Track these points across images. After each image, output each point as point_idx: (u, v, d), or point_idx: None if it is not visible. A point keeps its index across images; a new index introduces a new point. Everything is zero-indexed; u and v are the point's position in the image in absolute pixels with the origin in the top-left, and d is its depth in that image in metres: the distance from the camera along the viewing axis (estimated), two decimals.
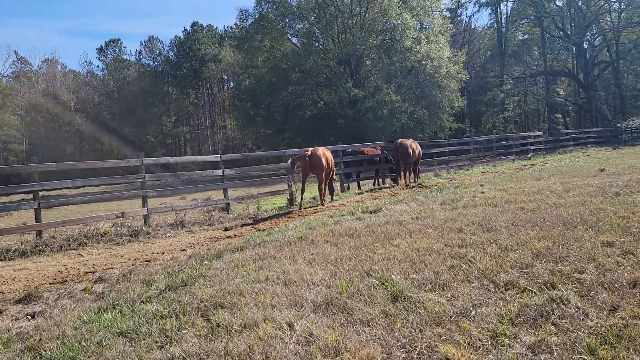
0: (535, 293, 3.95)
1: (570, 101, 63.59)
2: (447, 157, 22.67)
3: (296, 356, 3.24)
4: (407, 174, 17.98)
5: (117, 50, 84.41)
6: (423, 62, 38.04)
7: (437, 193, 12.82)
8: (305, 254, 6.60)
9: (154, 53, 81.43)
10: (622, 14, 57.11)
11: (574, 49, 56.97)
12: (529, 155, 27.72)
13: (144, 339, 4.02)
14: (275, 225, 11.05)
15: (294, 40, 43.22)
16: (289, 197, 14.69)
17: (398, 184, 17.61)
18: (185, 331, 4.04)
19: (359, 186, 18.46)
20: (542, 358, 2.80)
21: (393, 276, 4.83)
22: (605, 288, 3.85)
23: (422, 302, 4.02)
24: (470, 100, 61.20)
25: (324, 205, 13.54)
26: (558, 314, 3.39)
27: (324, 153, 13.42)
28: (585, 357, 2.74)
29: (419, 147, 18.49)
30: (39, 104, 69.11)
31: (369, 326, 3.66)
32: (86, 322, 4.80)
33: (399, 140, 17.84)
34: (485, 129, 62.05)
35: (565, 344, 2.93)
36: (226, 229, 11.42)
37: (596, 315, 3.33)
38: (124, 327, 4.38)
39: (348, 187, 18.14)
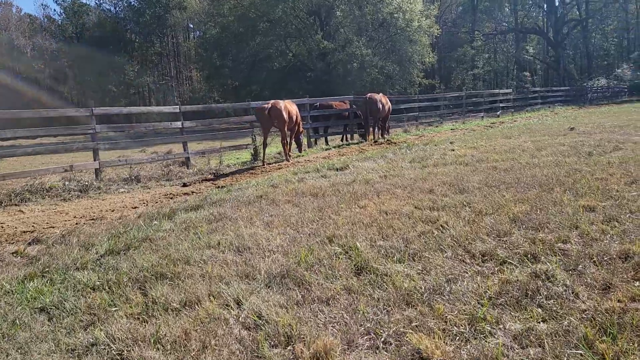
0: (516, 266, 3.52)
1: (539, 59, 63.71)
2: (417, 113, 22.21)
3: (239, 345, 2.72)
4: (376, 129, 17.46)
5: None
6: (395, 15, 36.98)
7: (406, 150, 12.37)
8: (264, 215, 6.06)
9: None
10: None
11: (545, 5, 56.54)
12: (498, 113, 27.52)
13: (67, 317, 3.45)
14: (236, 181, 10.44)
15: None
16: (252, 152, 14.03)
17: (366, 140, 17.11)
18: (115, 308, 3.47)
19: (326, 142, 17.89)
20: (531, 353, 2.36)
21: (358, 243, 4.33)
22: (594, 262, 3.44)
23: (390, 276, 3.54)
24: (441, 56, 60.51)
25: (289, 161, 12.96)
26: (544, 293, 2.96)
27: (286, 106, 12.71)
28: (583, 353, 2.31)
29: (388, 103, 17.93)
30: None
31: (329, 305, 3.17)
32: (8, 293, 4.18)
33: (369, 94, 17.20)
34: (455, 86, 61.73)
35: (557, 333, 2.49)
36: (184, 185, 10.75)
37: (588, 296, 2.91)
38: (47, 301, 3.78)
39: (315, 143, 17.54)
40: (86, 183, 10.75)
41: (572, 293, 2.94)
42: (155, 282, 3.94)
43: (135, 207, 8.46)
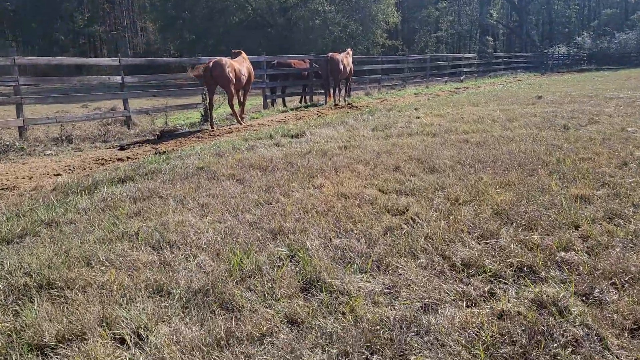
0: (511, 286, 2.71)
1: (502, 24, 63.29)
2: (380, 75, 21.22)
3: None
4: (337, 91, 16.44)
5: None
6: None
7: (368, 116, 11.46)
8: (201, 195, 5.07)
9: None
10: None
11: None
12: (462, 78, 26.89)
13: None
14: (179, 146, 9.33)
15: None
16: (202, 112, 12.84)
17: (326, 102, 16.09)
18: None
19: (284, 103, 16.76)
20: None
21: (308, 242, 3.44)
22: (613, 284, 2.67)
23: (349, 296, 2.68)
24: (404, 18, 59.16)
25: (241, 124, 11.87)
26: (560, 339, 2.14)
27: (231, 64, 11.51)
28: None
29: (351, 63, 16.88)
30: None
31: (262, 346, 2.28)
32: None
33: (330, 53, 16.08)
34: (418, 49, 60.82)
35: None
36: (121, 148, 9.57)
37: (619, 345, 2.12)
38: None
39: (272, 104, 16.40)
40: (7, 143, 9.42)
41: (598, 339, 2.14)
42: (36, 295, 2.95)
43: (58, 175, 7.31)
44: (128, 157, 8.49)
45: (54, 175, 7.31)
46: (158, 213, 4.50)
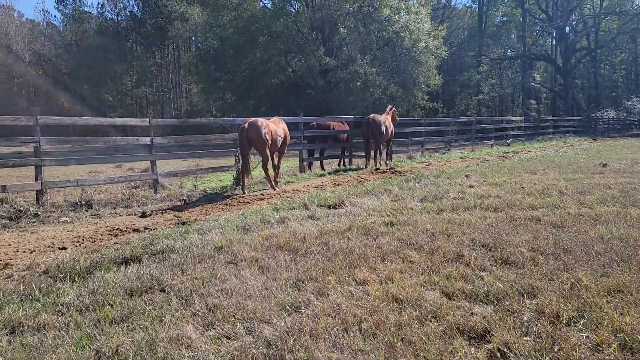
0: None
1: (546, 87, 62.12)
2: (423, 138, 20.23)
3: None
4: (378, 155, 15.47)
5: (78, 0, 78.77)
6: (401, 34, 35.23)
7: (414, 183, 10.34)
8: (212, 289, 4.00)
9: (117, 7, 76.30)
10: (604, 2, 55.47)
11: (555, 33, 55.07)
12: (509, 142, 25.61)
13: None
14: (205, 214, 8.40)
15: (264, 1, 39.79)
16: (235, 176, 12.01)
17: (367, 166, 15.10)
18: None
19: (321, 166, 15.87)
20: None
21: None
22: None
23: None
24: (445, 80, 58.93)
25: (274, 190, 10.94)
26: None
27: (268, 125, 10.73)
28: None
29: (392, 125, 15.97)
30: None
31: None
32: None
33: (371, 115, 15.25)
34: (459, 111, 60.01)
35: None
36: (142, 215, 8.70)
37: None
38: None
39: (309, 167, 15.53)
40: (20, 208, 8.69)
41: None
42: None
43: (63, 248, 6.42)
44: (145, 228, 7.57)
45: (59, 248, 6.42)
46: (151, 319, 3.43)
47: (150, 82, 74.06)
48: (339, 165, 16.67)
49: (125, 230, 7.41)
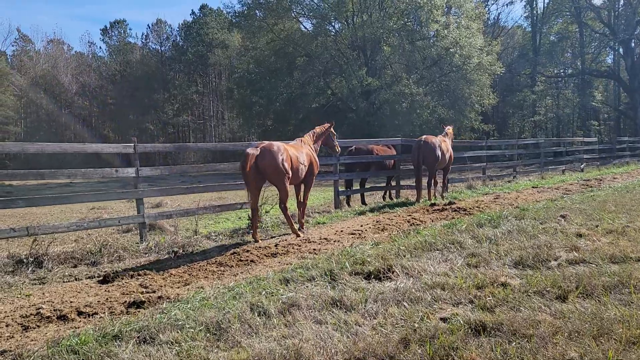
0: None
1: (609, 106, 57.25)
2: (485, 164, 16.97)
3: None
4: (432, 185, 12.44)
5: (122, 32, 79.91)
6: (451, 50, 32.16)
7: (491, 230, 7.26)
8: None
9: (161, 37, 76.84)
10: None
11: (620, 48, 50.55)
12: (582, 166, 21.95)
13: None
14: (183, 284, 5.65)
15: (300, 19, 37.55)
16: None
17: (418, 200, 12.08)
18: None
19: (362, 200, 12.94)
20: None
21: None
22: None
23: None
24: (496, 102, 55.08)
25: (298, 236, 8.13)
26: None
27: (287, 149, 8.03)
28: None
29: (450, 148, 12.94)
30: (39, 85, 64.93)
31: None
32: None
33: (424, 137, 12.30)
34: (513, 134, 55.84)
35: None
36: (104, 280, 6.01)
37: None
38: None
39: (347, 202, 12.63)
40: None
41: None
42: None
43: None
44: (93, 313, 4.82)
45: None
46: None
47: (191, 109, 73.46)
48: (383, 198, 13.71)
49: (48, 319, 4.68)
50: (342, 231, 8.46)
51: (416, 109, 31.73)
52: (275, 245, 7.36)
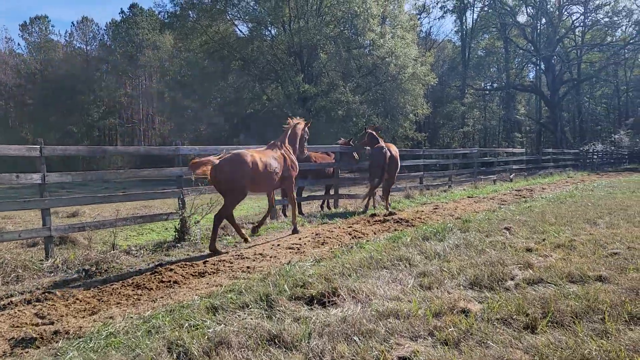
0: None
1: (532, 119, 60.08)
2: (422, 173, 16.84)
3: None
4: (374, 196, 12.01)
5: (44, 28, 75.10)
6: (387, 59, 32.31)
7: (436, 243, 6.83)
8: None
9: (87, 36, 73.04)
10: (587, 35, 53.89)
11: (542, 64, 53.16)
12: (511, 176, 22.47)
13: None
14: (89, 312, 4.78)
15: (236, 22, 36.59)
16: (178, 227, 8.41)
17: (366, 210, 11.63)
18: None
19: (300, 210, 12.30)
20: None
21: None
22: None
23: None
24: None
25: (246, 242, 7.37)
26: None
27: (253, 156, 7.50)
28: None
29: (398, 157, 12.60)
30: None
31: None
32: None
33: (386, 144, 11.91)
34: (443, 144, 57.29)
35: None
36: None
37: None
38: None
39: (284, 212, 11.95)
40: None
41: None
42: None
43: None
44: None
45: None
46: None
47: (119, 112, 70.15)
48: (321, 207, 13.13)
49: None
50: (279, 245, 7.77)
51: (352, 117, 31.61)
52: (204, 263, 6.55)
